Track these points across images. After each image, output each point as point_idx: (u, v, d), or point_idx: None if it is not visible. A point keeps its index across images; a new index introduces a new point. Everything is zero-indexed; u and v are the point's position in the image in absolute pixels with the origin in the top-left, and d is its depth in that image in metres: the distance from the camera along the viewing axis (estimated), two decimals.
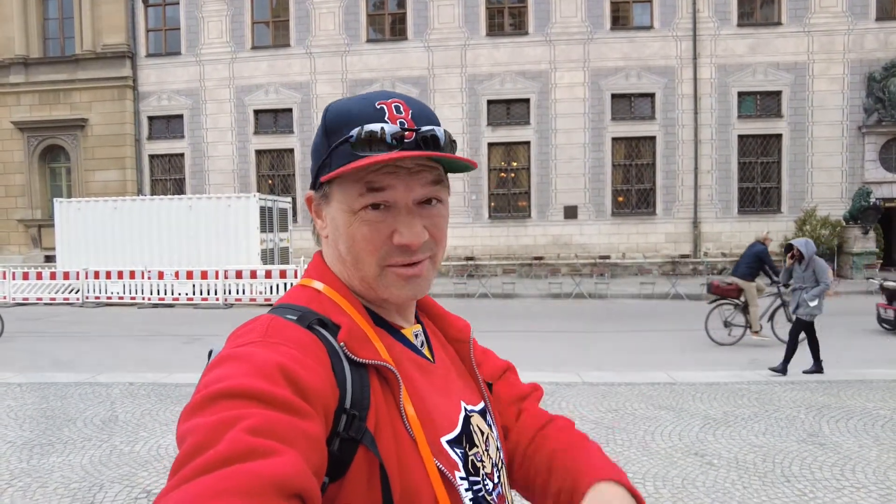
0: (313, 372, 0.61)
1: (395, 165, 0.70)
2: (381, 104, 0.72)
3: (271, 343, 0.63)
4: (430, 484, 0.67)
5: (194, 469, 0.49)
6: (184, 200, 14.65)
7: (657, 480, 3.82)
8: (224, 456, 0.49)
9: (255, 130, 19.04)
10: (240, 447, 0.50)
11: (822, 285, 6.41)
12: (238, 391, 0.55)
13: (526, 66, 17.99)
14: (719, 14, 17.48)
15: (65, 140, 19.40)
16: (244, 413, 0.53)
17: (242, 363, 0.59)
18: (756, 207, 17.86)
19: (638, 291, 14.03)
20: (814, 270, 6.47)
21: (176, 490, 0.48)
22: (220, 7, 18.86)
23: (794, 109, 17.41)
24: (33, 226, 19.45)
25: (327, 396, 0.62)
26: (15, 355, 8.25)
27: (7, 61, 19.30)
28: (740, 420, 4.96)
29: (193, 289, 13.56)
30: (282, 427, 0.54)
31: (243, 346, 0.63)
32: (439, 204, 0.75)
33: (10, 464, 4.23)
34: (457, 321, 0.89)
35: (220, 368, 0.59)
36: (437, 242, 0.75)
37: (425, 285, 0.75)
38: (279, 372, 0.58)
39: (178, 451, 0.53)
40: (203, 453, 0.50)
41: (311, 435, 0.56)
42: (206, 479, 0.48)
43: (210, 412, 0.54)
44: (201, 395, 0.56)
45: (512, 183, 18.49)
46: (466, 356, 0.86)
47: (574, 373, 6.59)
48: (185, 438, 0.53)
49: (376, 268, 0.72)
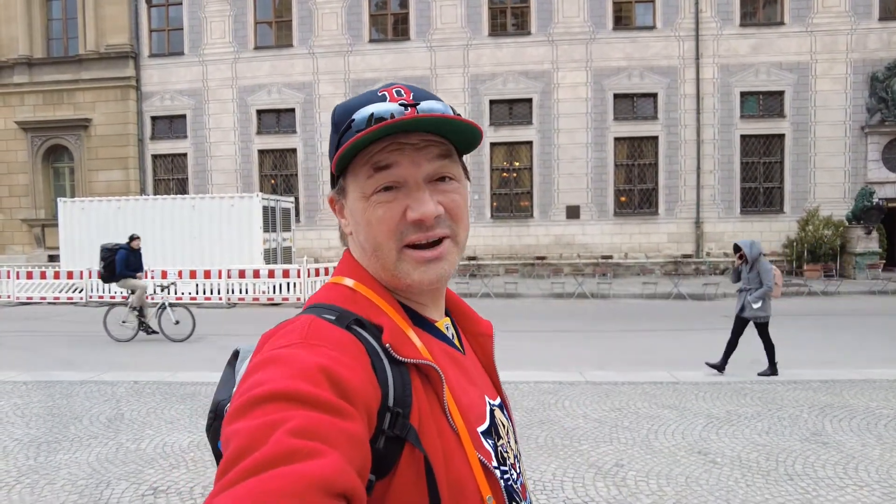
0: (354, 373, 0.62)
1: (400, 143, 0.71)
2: (382, 91, 0.74)
3: (312, 345, 0.63)
4: (474, 475, 0.68)
5: (240, 472, 0.50)
6: (187, 200, 14.70)
7: (660, 479, 3.84)
8: (268, 458, 0.50)
9: (258, 130, 19.08)
10: (284, 449, 0.51)
11: (765, 287, 6.35)
12: (281, 394, 0.56)
13: (528, 65, 17.99)
14: (722, 14, 17.47)
15: (68, 140, 19.46)
16: (287, 415, 0.54)
17: (285, 366, 0.60)
18: (758, 207, 17.85)
19: (640, 291, 14.03)
20: (758, 272, 6.41)
21: (222, 494, 0.49)
22: (223, 7, 18.90)
23: (797, 109, 17.40)
24: (37, 225, 19.51)
25: (369, 396, 0.62)
26: (20, 354, 8.29)
27: (11, 61, 19.35)
28: (743, 419, 4.98)
29: (196, 288, 13.60)
30: (325, 428, 0.54)
31: (284, 349, 0.63)
32: (453, 181, 0.75)
33: (18, 461, 4.26)
34: (480, 318, 0.90)
35: (263, 371, 0.60)
36: (456, 220, 0.75)
37: (447, 268, 0.75)
38: (321, 374, 0.59)
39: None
40: (247, 456, 0.51)
41: (354, 435, 0.57)
42: (251, 482, 0.49)
43: (254, 416, 0.55)
44: (245, 399, 0.57)
45: (514, 183, 18.50)
46: (489, 352, 0.88)
47: (577, 372, 6.61)
48: (230, 442, 0.54)
49: (395, 252, 0.73)
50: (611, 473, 3.93)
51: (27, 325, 11.15)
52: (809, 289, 13.74)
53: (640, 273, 17.01)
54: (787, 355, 6.55)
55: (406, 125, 0.69)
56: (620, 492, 3.66)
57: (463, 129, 0.73)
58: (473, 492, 0.68)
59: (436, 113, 0.70)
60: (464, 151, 0.78)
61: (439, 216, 0.73)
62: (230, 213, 14.18)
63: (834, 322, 10.24)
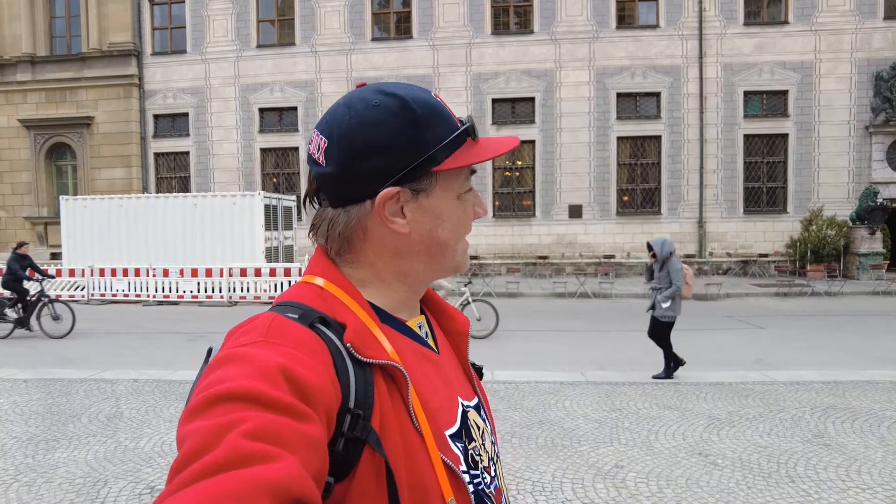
0: (315, 372, 0.60)
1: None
2: (436, 96, 0.76)
3: (272, 343, 0.62)
4: (437, 479, 0.67)
5: (191, 474, 0.48)
6: (189, 198, 14.69)
7: (661, 480, 3.81)
8: (221, 461, 0.49)
9: (260, 129, 19.07)
10: (237, 452, 0.50)
11: (673, 287, 6.25)
12: (238, 394, 0.54)
13: (531, 64, 17.95)
14: (725, 13, 17.40)
15: (71, 138, 19.48)
16: (243, 416, 0.53)
17: (243, 364, 0.58)
18: (762, 207, 17.79)
19: (643, 291, 13.98)
20: (668, 271, 6.29)
21: (171, 497, 0.48)
22: (226, 5, 18.90)
23: (801, 109, 17.32)
24: (40, 223, 19.55)
25: (329, 397, 0.61)
26: (20, 351, 8.30)
27: (14, 59, 19.37)
28: (745, 420, 4.94)
29: (198, 286, 13.60)
30: (281, 431, 0.53)
31: (244, 346, 0.61)
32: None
33: (16, 459, 4.25)
34: (457, 314, 0.89)
35: (221, 369, 0.58)
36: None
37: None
38: (280, 373, 0.57)
39: (177, 454, 0.53)
40: (200, 458, 0.49)
41: (312, 438, 0.55)
42: (202, 485, 0.47)
43: (209, 415, 0.53)
44: (201, 398, 0.55)
45: (516, 182, 18.47)
46: (464, 351, 0.86)
47: (578, 372, 6.58)
48: (185, 441, 0.52)
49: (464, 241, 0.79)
50: (611, 475, 3.91)
51: None
52: (813, 289, 13.68)
53: (643, 273, 16.95)
54: (789, 356, 6.51)
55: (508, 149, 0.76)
56: (620, 493, 3.63)
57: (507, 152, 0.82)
58: (437, 496, 0.66)
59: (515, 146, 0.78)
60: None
61: None
62: (232, 212, 14.18)
63: (837, 323, 10.19)
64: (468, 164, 0.72)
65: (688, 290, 6.31)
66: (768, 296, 13.77)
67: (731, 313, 11.33)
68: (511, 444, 4.45)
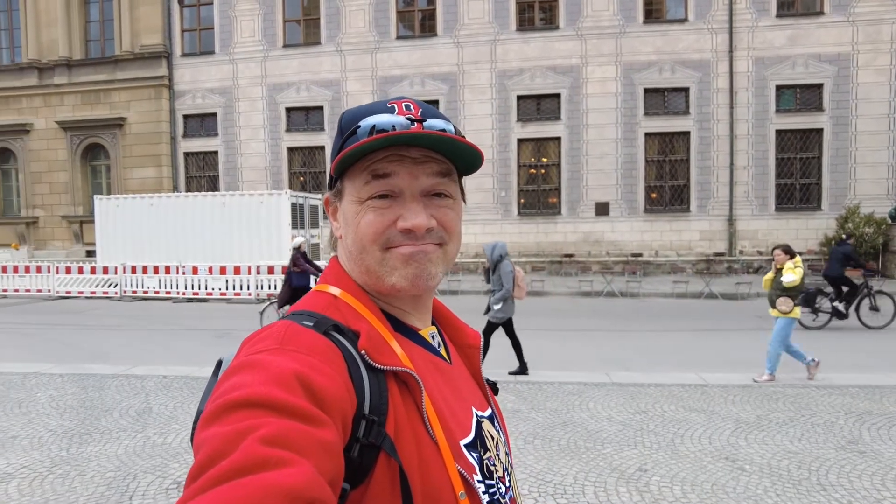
0: (330, 379, 0.61)
1: (400, 154, 0.72)
2: (391, 103, 0.75)
3: (287, 350, 0.63)
4: (452, 487, 0.67)
5: (208, 480, 0.49)
6: (217, 197, 14.96)
7: (685, 485, 3.74)
8: (237, 467, 0.50)
9: (287, 128, 19.29)
10: (253, 458, 0.50)
11: (503, 290, 6.39)
12: (254, 400, 0.55)
13: (557, 60, 17.78)
14: (757, 5, 16.95)
15: (105, 138, 20.00)
16: (259, 423, 0.53)
17: (259, 371, 0.59)
18: (795, 204, 17.31)
19: (671, 290, 13.76)
20: (500, 275, 6.45)
21: (190, 501, 0.49)
22: (253, 6, 19.15)
23: (837, 103, 16.79)
24: (75, 222, 20.13)
25: (345, 403, 0.62)
26: (56, 347, 8.57)
27: (52, 63, 19.97)
28: (774, 424, 4.82)
29: (226, 284, 13.84)
30: (296, 437, 0.54)
31: (260, 354, 0.63)
32: (448, 198, 0.76)
33: (52, 451, 4.39)
34: (468, 328, 0.89)
35: (237, 376, 0.60)
36: (449, 232, 0.75)
37: (432, 269, 0.74)
38: (295, 380, 0.58)
39: (194, 459, 0.54)
40: (217, 463, 0.50)
41: (327, 443, 0.56)
42: (219, 491, 0.48)
43: (226, 421, 0.54)
44: (218, 404, 0.57)
45: (542, 179, 18.32)
46: (476, 363, 0.87)
47: (603, 373, 6.51)
48: (202, 447, 0.54)
49: (379, 252, 0.73)
50: (634, 478, 3.85)
51: (65, 318, 11.51)
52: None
53: (671, 271, 16.69)
54: (822, 358, 6.32)
55: (406, 138, 0.70)
56: (643, 498, 3.58)
57: (463, 150, 0.74)
58: (451, 503, 0.66)
59: (436, 130, 0.71)
60: (464, 173, 0.79)
61: (431, 229, 0.73)
62: (259, 210, 14.39)
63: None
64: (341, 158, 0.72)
65: (519, 291, 6.52)
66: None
67: (761, 313, 11.01)
68: (533, 446, 4.42)
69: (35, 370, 6.77)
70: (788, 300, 6.19)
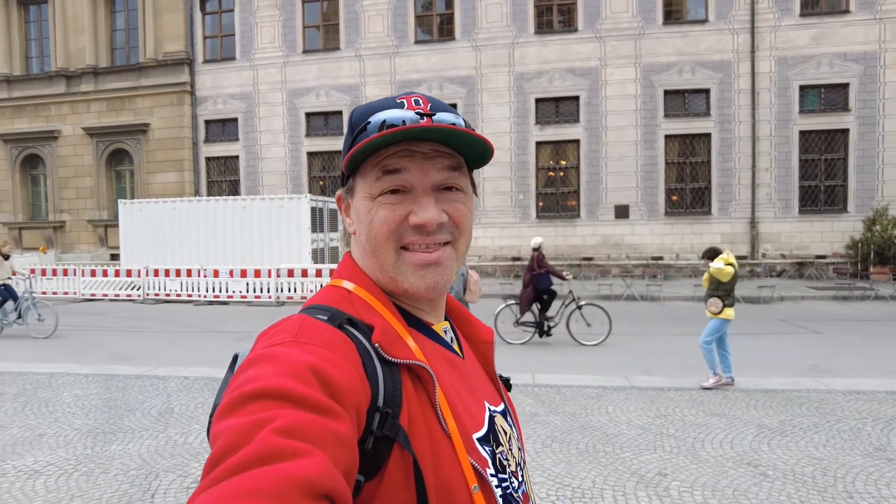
0: (344, 371, 0.62)
1: (411, 150, 0.73)
2: (401, 98, 0.75)
3: (302, 343, 0.63)
4: (465, 480, 0.67)
5: (224, 470, 0.50)
6: (238, 201, 15.16)
7: (706, 490, 3.69)
8: (253, 457, 0.50)
9: (307, 133, 19.48)
10: (269, 449, 0.51)
11: (453, 293, 6.27)
12: (269, 392, 0.56)
13: (575, 62, 17.70)
14: (780, 4, 16.69)
15: (129, 144, 20.41)
16: (274, 414, 0.54)
17: (274, 363, 0.60)
18: (819, 207, 16.97)
19: (692, 294, 13.58)
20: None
21: (206, 492, 0.49)
22: (273, 13, 19.40)
23: (863, 102, 16.44)
24: (101, 226, 20.55)
25: (359, 395, 0.62)
26: (83, 348, 8.74)
27: (79, 71, 20.46)
28: (798, 430, 4.73)
29: (247, 287, 14.00)
30: (311, 428, 0.54)
31: (275, 346, 0.63)
32: (460, 192, 0.76)
33: (77, 450, 4.48)
34: (481, 324, 0.90)
35: (253, 369, 0.60)
36: (459, 229, 0.76)
37: (446, 275, 0.75)
38: (310, 372, 0.59)
39: (210, 451, 0.54)
40: (233, 454, 0.51)
41: (342, 435, 0.56)
42: (234, 481, 0.49)
43: (242, 413, 0.55)
44: (234, 396, 0.57)
45: (560, 182, 18.23)
46: (489, 358, 0.87)
47: (622, 376, 6.44)
48: (218, 438, 0.54)
49: (393, 252, 0.74)
50: (653, 483, 3.80)
51: (90, 320, 11.75)
52: (876, 292, 12.97)
53: (692, 275, 16.46)
54: (848, 363, 6.19)
55: (417, 133, 0.71)
56: (663, 502, 3.53)
57: (473, 142, 0.74)
58: (464, 496, 0.67)
59: (446, 124, 0.72)
60: (475, 166, 0.80)
61: (442, 224, 0.74)
62: (279, 214, 14.54)
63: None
64: (352, 154, 0.73)
65: (471, 295, 6.35)
66: (826, 299, 13.13)
67: (784, 317, 10.87)
68: (551, 449, 4.39)
69: (61, 370, 6.92)
70: (717, 301, 6.02)
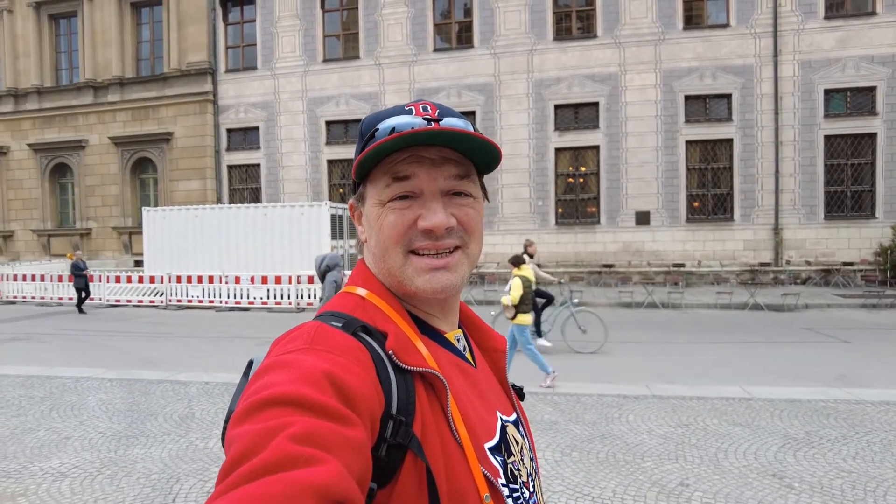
0: (359, 378, 0.62)
1: (419, 156, 0.73)
2: (409, 106, 0.76)
3: (317, 350, 0.64)
4: (477, 490, 0.67)
5: (239, 477, 0.50)
6: (259, 209, 15.35)
7: (729, 501, 3.61)
8: (267, 464, 0.51)
9: (327, 141, 19.68)
10: (283, 455, 0.51)
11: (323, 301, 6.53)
12: (284, 398, 0.56)
13: (595, 69, 17.63)
14: (803, 7, 16.45)
15: (153, 153, 20.83)
16: (289, 421, 0.54)
17: (289, 370, 0.60)
18: (846, 212, 16.61)
19: (714, 301, 13.37)
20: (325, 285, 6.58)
21: (220, 497, 0.49)
22: (294, 23, 19.68)
23: (892, 105, 16.09)
24: (125, 233, 20.96)
25: (373, 402, 0.62)
26: (107, 353, 8.90)
27: (106, 82, 20.98)
28: (825, 441, 4.61)
29: (268, 293, 14.13)
30: (326, 435, 0.54)
31: (290, 353, 0.64)
32: (469, 197, 0.76)
33: (101, 453, 4.55)
34: (494, 333, 0.90)
35: (268, 376, 0.61)
36: (469, 233, 0.76)
37: (455, 279, 0.75)
38: (325, 379, 0.59)
39: (225, 457, 0.55)
40: (248, 461, 0.51)
41: (356, 442, 0.56)
42: (248, 488, 0.49)
43: (257, 419, 0.55)
44: (249, 402, 0.58)
45: (580, 188, 18.13)
46: (501, 367, 0.87)
47: (643, 385, 6.36)
48: (233, 444, 0.54)
49: (401, 256, 0.74)
50: (675, 493, 3.74)
51: (115, 325, 11.96)
52: None
53: (715, 282, 16.22)
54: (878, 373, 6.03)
55: (424, 136, 0.71)
56: None
57: (481, 146, 0.74)
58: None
59: (455, 128, 0.72)
60: (484, 172, 0.80)
61: (451, 228, 0.74)
62: (300, 221, 14.69)
63: None
64: (361, 159, 0.73)
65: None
66: (853, 307, 12.83)
67: (810, 325, 10.63)
68: (571, 458, 4.35)
69: (87, 374, 7.06)
70: (511, 307, 6.42)
